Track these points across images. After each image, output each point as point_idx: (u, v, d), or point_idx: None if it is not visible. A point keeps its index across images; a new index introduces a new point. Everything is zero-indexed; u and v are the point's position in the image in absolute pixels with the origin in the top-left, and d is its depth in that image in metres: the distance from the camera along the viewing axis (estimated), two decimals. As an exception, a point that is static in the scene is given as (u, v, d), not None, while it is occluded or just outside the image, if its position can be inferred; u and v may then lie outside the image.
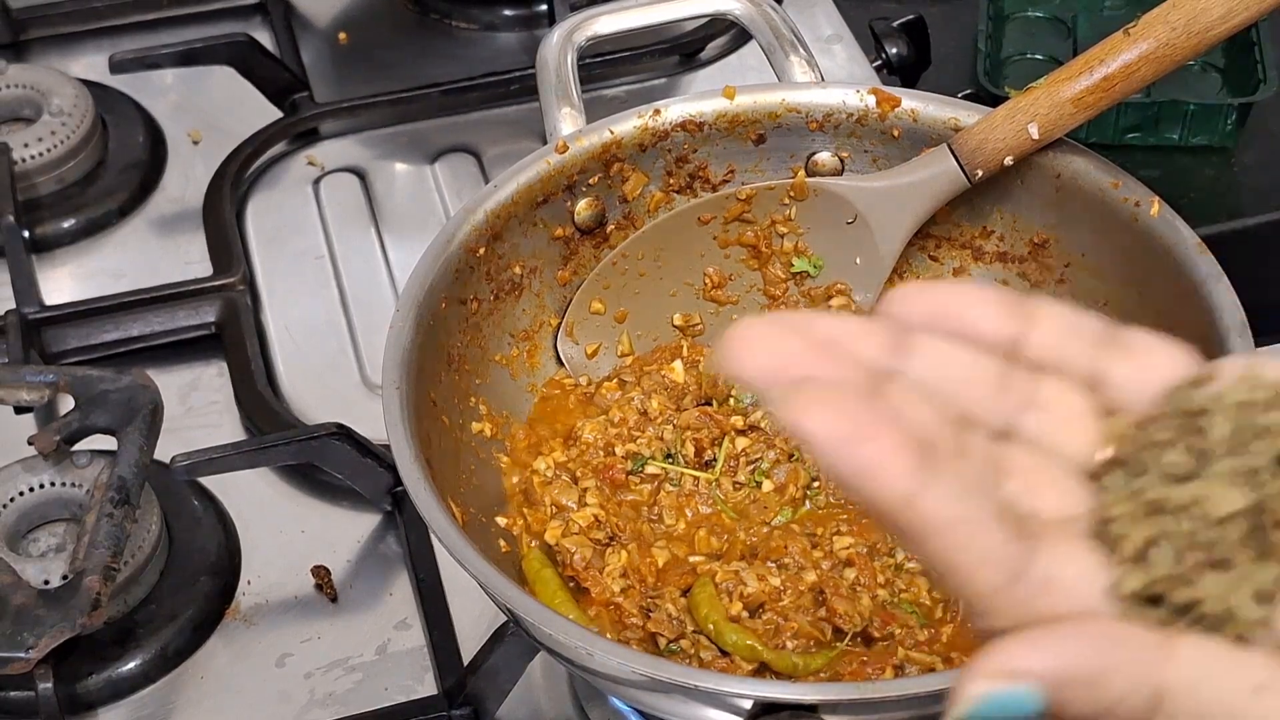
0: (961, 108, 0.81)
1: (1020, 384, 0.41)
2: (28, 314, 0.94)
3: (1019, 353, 0.41)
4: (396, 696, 0.77)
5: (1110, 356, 0.41)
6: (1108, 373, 0.41)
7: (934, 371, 0.40)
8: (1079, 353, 0.41)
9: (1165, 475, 0.39)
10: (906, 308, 0.41)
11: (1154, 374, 0.41)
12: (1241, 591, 0.37)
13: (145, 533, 0.80)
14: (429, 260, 0.76)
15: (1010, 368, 0.41)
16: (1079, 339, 0.41)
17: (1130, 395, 0.41)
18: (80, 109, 1.04)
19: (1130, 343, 0.42)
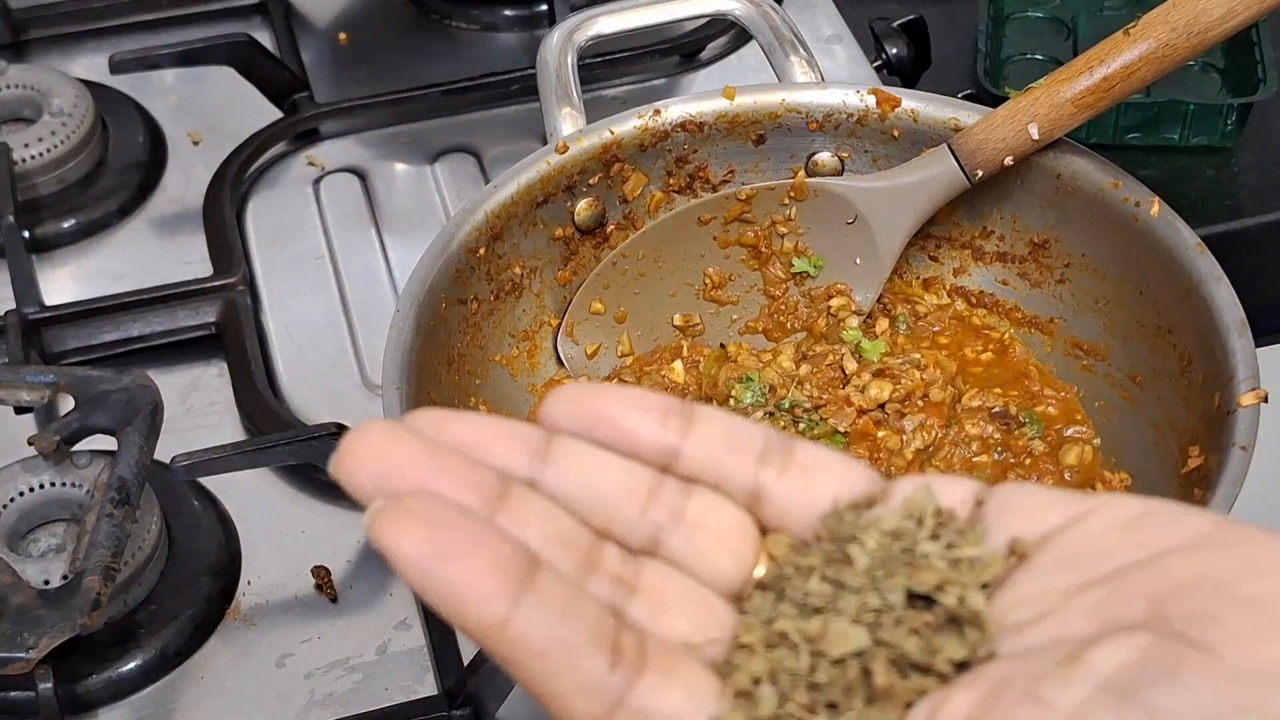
0: (962, 108, 0.81)
1: (670, 497, 0.39)
2: (28, 314, 0.94)
3: (674, 464, 0.39)
4: (397, 697, 0.77)
5: (774, 471, 0.39)
6: (769, 489, 0.39)
7: (575, 481, 0.38)
8: (740, 465, 0.39)
9: (802, 605, 0.37)
10: (558, 411, 0.39)
11: (819, 492, 0.39)
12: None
13: (145, 533, 0.80)
14: (429, 260, 0.76)
15: (662, 480, 0.39)
16: (741, 450, 0.39)
17: (791, 514, 0.39)
18: (80, 109, 1.04)
19: (799, 457, 0.39)
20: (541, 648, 0.35)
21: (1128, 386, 0.78)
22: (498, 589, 0.35)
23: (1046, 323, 0.82)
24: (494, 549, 0.35)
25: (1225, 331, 0.71)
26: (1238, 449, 0.66)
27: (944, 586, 0.36)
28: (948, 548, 0.37)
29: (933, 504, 0.38)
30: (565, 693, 0.36)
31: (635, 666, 0.36)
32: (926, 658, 0.36)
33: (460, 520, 0.35)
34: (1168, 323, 0.75)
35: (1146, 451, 0.75)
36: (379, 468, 0.36)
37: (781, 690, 0.36)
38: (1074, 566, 0.36)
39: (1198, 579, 0.34)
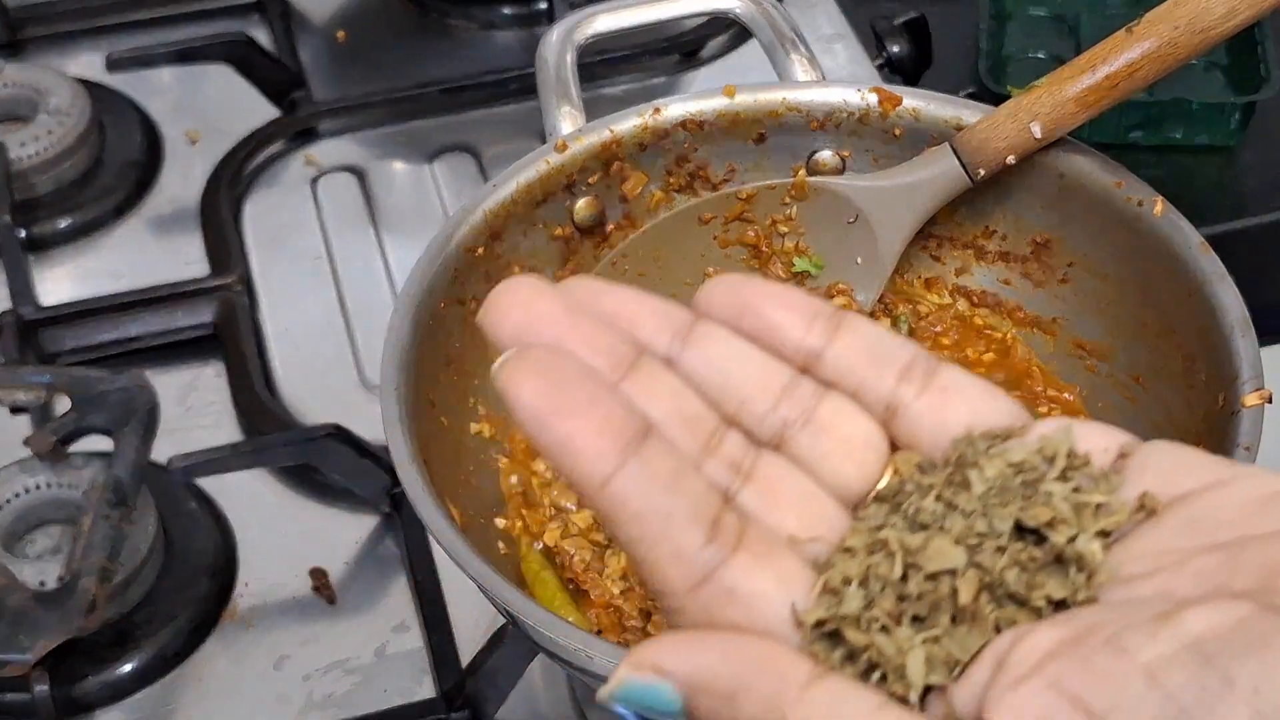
0: (964, 106, 0.80)
1: (804, 397, 0.39)
2: (24, 314, 0.93)
3: (815, 367, 0.40)
4: (395, 699, 0.77)
5: (914, 389, 0.39)
6: (906, 405, 0.39)
7: (712, 365, 0.39)
8: (880, 378, 0.39)
9: (911, 520, 0.37)
10: (711, 297, 0.40)
11: (955, 416, 0.39)
12: (916, 654, 0.35)
13: (142, 534, 0.79)
14: (427, 260, 0.75)
15: (799, 380, 0.39)
16: (884, 363, 0.39)
17: (924, 434, 0.39)
18: (77, 108, 1.04)
19: (942, 379, 0.39)
20: (639, 512, 0.36)
21: (1130, 387, 0.77)
22: (606, 449, 0.35)
23: (1049, 323, 0.81)
24: (608, 410, 0.36)
25: (1229, 331, 0.71)
26: (1241, 450, 0.66)
27: (1055, 524, 0.36)
28: (1074, 490, 0.37)
29: (1068, 446, 0.38)
30: (657, 559, 0.36)
31: (731, 546, 0.36)
32: (1024, 591, 0.36)
33: (580, 378, 0.36)
34: (1171, 323, 0.75)
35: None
36: (520, 319, 0.37)
37: (870, 594, 0.36)
38: (1198, 531, 0.36)
39: None
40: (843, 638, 0.36)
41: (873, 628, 0.36)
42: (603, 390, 0.36)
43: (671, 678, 0.35)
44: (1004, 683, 0.34)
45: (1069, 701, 0.33)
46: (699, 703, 0.35)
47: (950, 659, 0.35)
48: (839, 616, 0.36)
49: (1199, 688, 0.32)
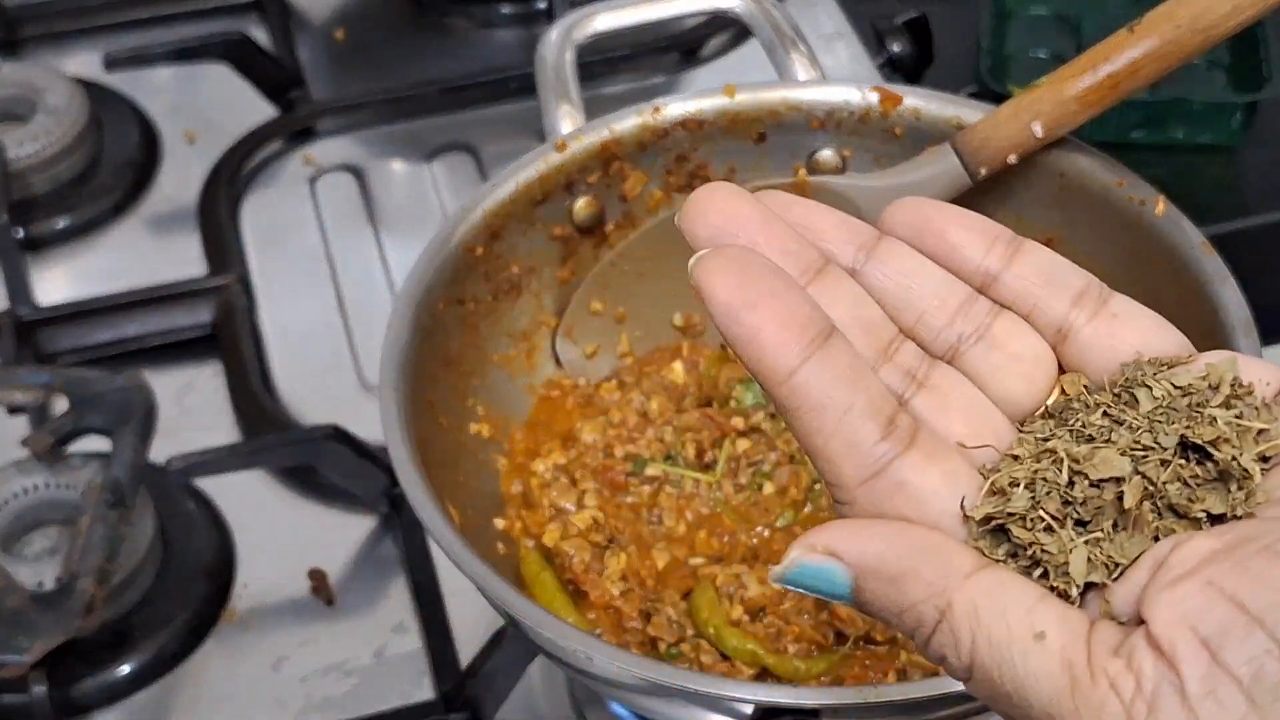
0: (965, 106, 0.80)
1: (979, 314, 0.41)
2: (21, 314, 0.93)
3: (991, 287, 0.42)
4: (393, 700, 0.77)
5: (1086, 313, 0.41)
6: (1077, 329, 0.41)
7: (893, 278, 0.41)
8: (1054, 301, 0.41)
9: (1078, 433, 0.39)
10: (896, 217, 0.42)
11: (1125, 341, 0.41)
12: (1080, 552, 0.37)
13: (140, 535, 0.79)
14: (426, 260, 0.75)
15: (976, 298, 0.41)
16: (1059, 288, 0.41)
17: (1094, 357, 0.41)
18: (75, 107, 1.03)
19: (1113, 306, 0.41)
20: (820, 403, 0.38)
21: (1132, 387, 0.77)
22: (792, 342, 0.37)
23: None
24: (795, 306, 0.38)
25: (1231, 331, 0.70)
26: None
27: (1218, 443, 0.38)
28: (1237, 416, 0.38)
29: (1233, 374, 0.39)
30: (834, 450, 0.38)
31: (904, 444, 0.38)
32: (1185, 503, 0.37)
33: (771, 276, 0.38)
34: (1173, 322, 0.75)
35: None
36: (718, 222, 0.39)
37: (1036, 496, 0.38)
38: None
39: None
40: (1008, 535, 0.38)
41: (1037, 527, 0.38)
42: (793, 289, 0.38)
43: (843, 560, 0.38)
44: (1162, 582, 0.35)
45: (1226, 600, 0.34)
46: (866, 584, 0.38)
47: (1110, 561, 0.37)
48: (1005, 514, 0.38)
49: None
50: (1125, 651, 0.35)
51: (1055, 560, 0.37)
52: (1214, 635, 0.34)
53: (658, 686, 0.60)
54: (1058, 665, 0.35)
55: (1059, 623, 0.36)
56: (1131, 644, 0.35)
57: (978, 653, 0.36)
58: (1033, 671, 0.36)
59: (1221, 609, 0.34)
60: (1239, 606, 0.34)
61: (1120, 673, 0.35)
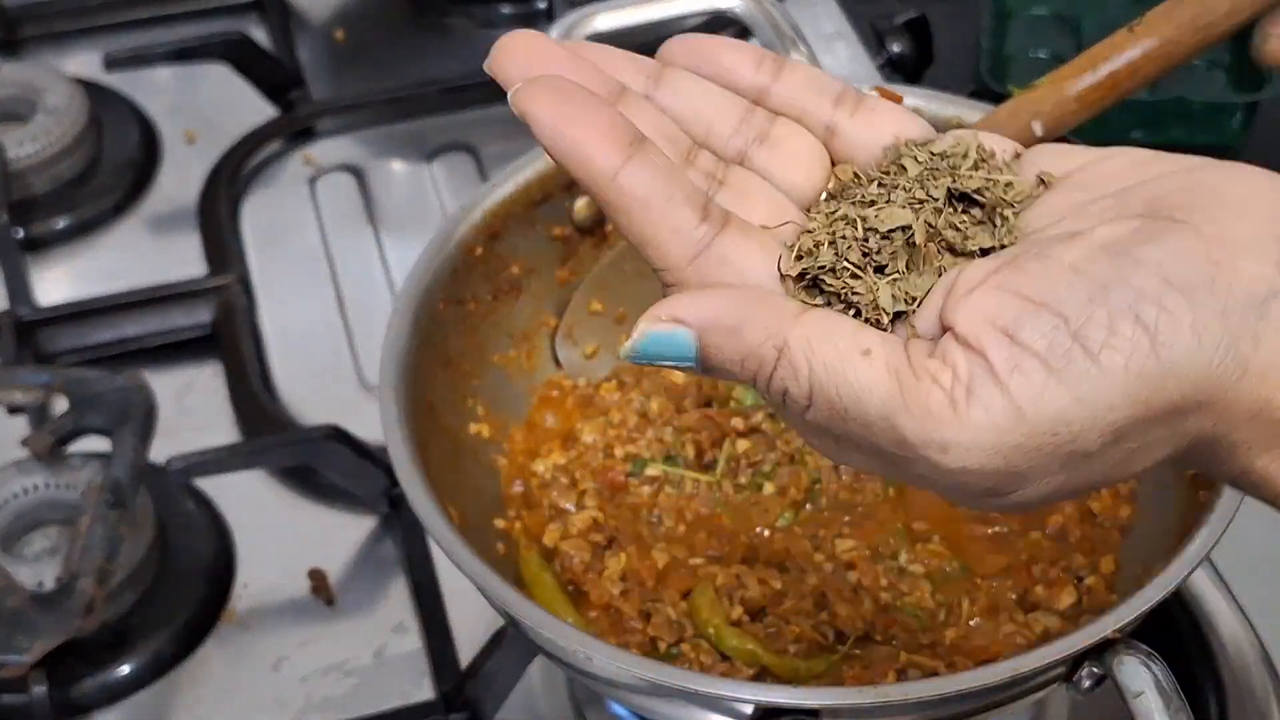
0: (965, 106, 0.80)
1: (758, 122, 0.47)
2: (21, 315, 0.93)
3: (765, 99, 0.48)
4: (393, 701, 0.77)
5: (847, 112, 0.47)
6: (842, 125, 0.47)
7: (681, 99, 0.47)
8: (819, 104, 0.47)
9: (859, 201, 0.45)
10: (672, 49, 0.48)
11: (884, 130, 0.47)
12: (885, 289, 0.43)
13: (140, 535, 0.79)
14: (426, 260, 0.75)
15: (753, 109, 0.47)
16: (821, 94, 0.47)
17: (858, 148, 0.47)
18: (74, 108, 1.03)
19: (868, 103, 0.48)
20: (645, 196, 0.43)
21: (1132, 387, 0.77)
22: (613, 147, 0.42)
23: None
24: (612, 118, 0.43)
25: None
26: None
27: (981, 191, 0.45)
28: (987, 172, 0.45)
29: (976, 142, 0.46)
30: (661, 237, 0.44)
31: (720, 225, 0.44)
32: (960, 242, 0.44)
33: (586, 96, 0.43)
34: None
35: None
36: (526, 60, 0.44)
37: (839, 251, 0.44)
38: (1089, 189, 0.44)
39: (1191, 183, 0.42)
40: (820, 287, 0.44)
41: (845, 275, 0.44)
42: (605, 106, 0.43)
43: (686, 323, 0.43)
44: (957, 296, 0.42)
45: (1013, 295, 0.41)
46: (710, 340, 0.43)
47: (908, 295, 0.44)
48: (817, 267, 0.44)
49: (1114, 269, 0.40)
50: (939, 353, 0.41)
51: (865, 299, 0.44)
52: (1010, 323, 0.40)
53: (658, 686, 0.60)
54: (885, 373, 0.41)
55: (880, 342, 0.42)
56: (944, 347, 0.41)
57: (815, 377, 0.42)
58: (865, 382, 0.41)
59: (1012, 302, 0.41)
60: (1024, 298, 0.41)
61: (938, 369, 0.41)
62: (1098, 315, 0.40)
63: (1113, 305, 0.40)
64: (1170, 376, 0.40)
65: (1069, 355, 0.40)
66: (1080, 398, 0.40)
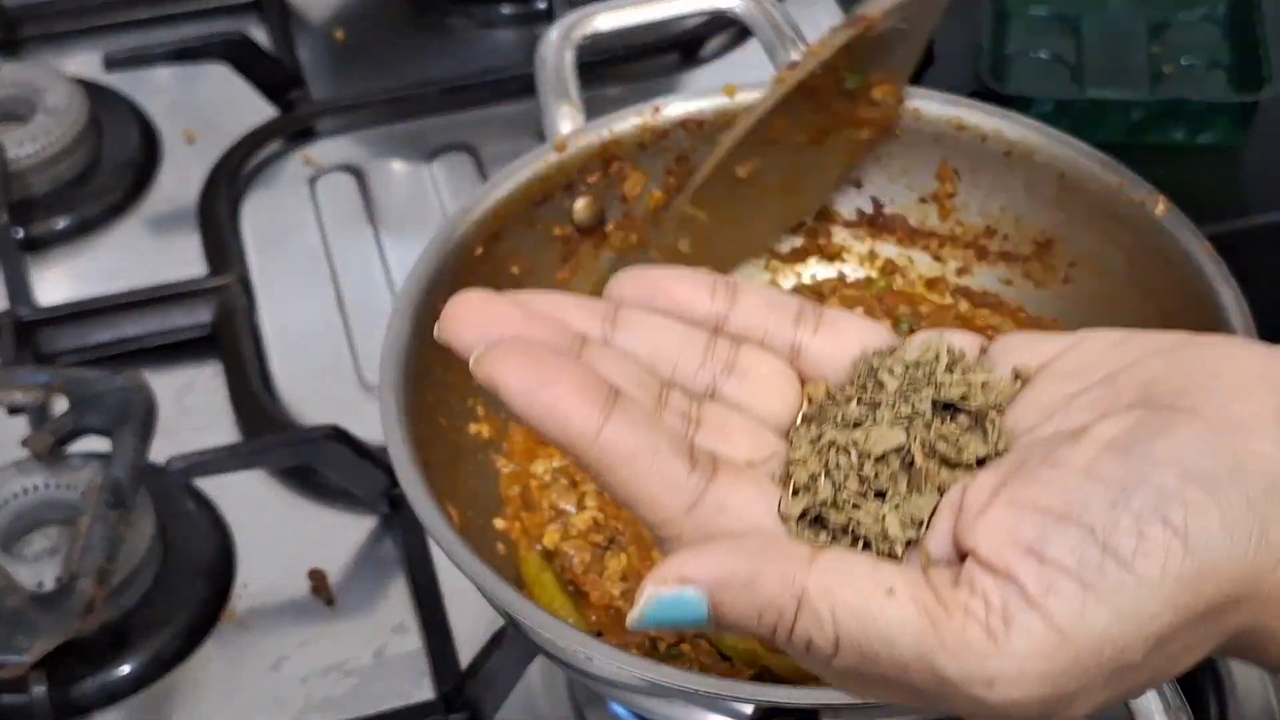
0: (964, 106, 0.80)
1: (722, 352, 0.46)
2: (21, 315, 0.93)
3: (724, 327, 0.46)
4: (393, 701, 0.77)
5: (809, 329, 0.46)
6: (806, 343, 0.46)
7: (641, 340, 0.45)
8: (780, 325, 0.46)
9: (842, 424, 0.44)
10: (622, 288, 0.46)
11: (848, 344, 0.46)
12: (892, 516, 0.42)
13: (140, 535, 0.79)
14: (426, 260, 0.75)
15: (715, 339, 0.46)
16: (780, 313, 0.47)
17: (826, 364, 0.46)
18: (74, 108, 1.03)
19: (828, 317, 0.47)
20: (631, 452, 0.41)
21: (1133, 387, 0.77)
22: (591, 406, 0.41)
23: (1050, 323, 0.81)
24: (583, 376, 0.41)
25: (1231, 331, 0.70)
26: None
27: (967, 396, 0.43)
28: (963, 374, 0.44)
29: (945, 345, 0.45)
30: (653, 492, 0.42)
31: (710, 470, 0.42)
32: (955, 454, 0.42)
33: (552, 354, 0.42)
34: (1173, 323, 0.74)
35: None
36: (478, 323, 0.43)
37: (836, 482, 0.43)
38: (1070, 380, 0.43)
39: (1179, 365, 0.41)
40: (825, 522, 0.42)
41: (847, 507, 0.42)
42: (574, 362, 0.42)
43: (695, 581, 0.40)
44: (970, 516, 0.40)
45: (1030, 509, 0.39)
46: (723, 598, 0.40)
47: (914, 519, 0.42)
48: (818, 503, 0.42)
49: (1129, 469, 0.39)
50: (965, 581, 0.39)
51: (873, 530, 0.42)
52: (1034, 541, 0.38)
53: (658, 686, 0.60)
54: (914, 611, 0.39)
55: (901, 577, 0.40)
56: (969, 574, 0.39)
57: (840, 623, 0.39)
58: (895, 623, 0.39)
59: (1031, 517, 0.39)
60: (1043, 511, 0.39)
61: (969, 599, 0.39)
62: (1124, 522, 0.38)
63: (1137, 509, 0.38)
64: (1208, 577, 0.38)
65: (1102, 568, 0.38)
66: (1121, 611, 0.38)
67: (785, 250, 0.85)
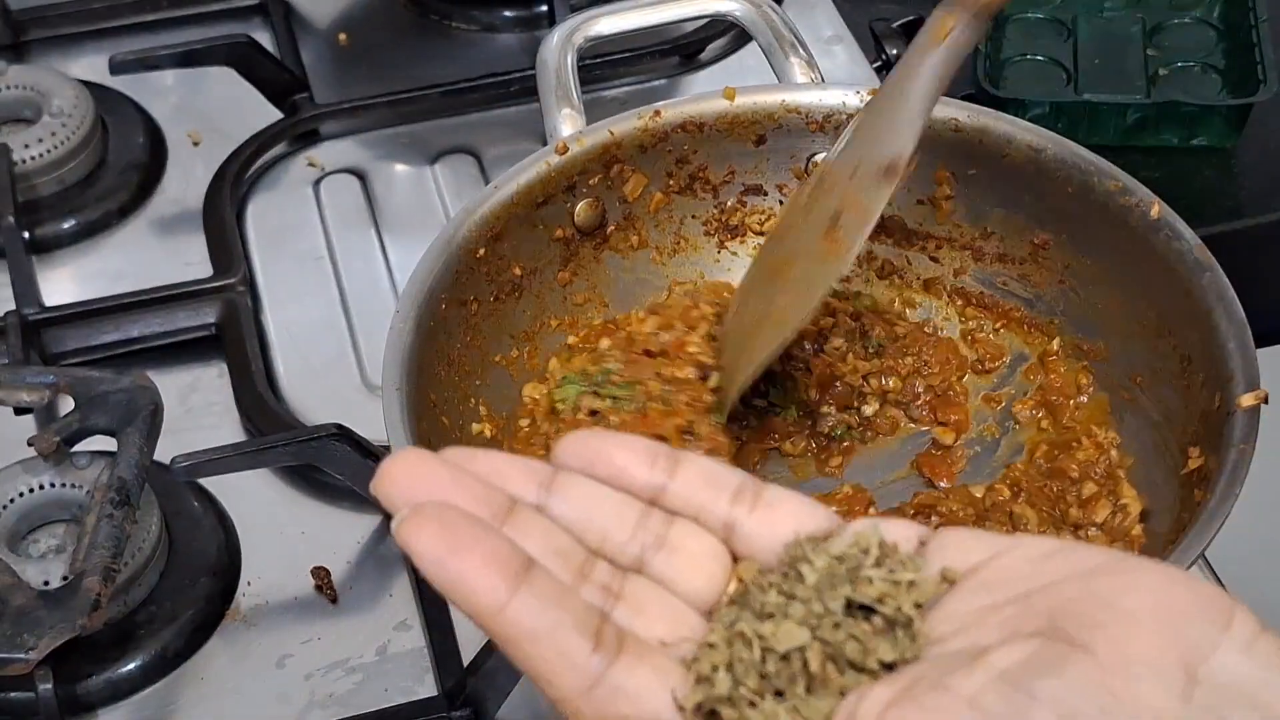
0: (961, 108, 0.81)
1: (655, 525, 0.45)
2: (28, 315, 0.94)
3: (661, 499, 0.46)
4: (396, 698, 0.77)
5: (745, 508, 0.46)
6: (741, 522, 0.46)
7: (574, 507, 0.45)
8: (716, 502, 0.46)
9: (758, 613, 0.43)
10: (567, 451, 0.46)
11: (782, 526, 0.45)
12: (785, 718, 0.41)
13: (145, 534, 0.79)
14: (429, 261, 0.76)
15: (649, 511, 0.46)
16: (717, 489, 0.46)
17: (759, 544, 0.45)
18: (80, 110, 1.04)
19: (766, 497, 0.46)
20: (534, 630, 0.41)
21: (1128, 387, 0.78)
22: (498, 579, 0.41)
23: (1046, 324, 0.82)
24: (495, 547, 0.41)
25: (1225, 332, 0.71)
26: (1237, 450, 0.66)
27: (883, 599, 0.43)
28: (889, 572, 0.44)
29: (878, 538, 0.44)
30: (553, 670, 0.42)
31: (614, 652, 0.42)
32: (860, 657, 0.42)
33: (468, 524, 0.42)
34: (1168, 324, 0.75)
35: (1146, 452, 0.75)
36: (409, 485, 0.43)
37: (736, 676, 0.42)
38: (991, 591, 0.43)
39: (1087, 596, 0.41)
40: (719, 717, 0.42)
41: (742, 705, 0.42)
42: (489, 532, 0.42)
43: None
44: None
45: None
46: None
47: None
48: (714, 697, 0.42)
49: (1011, 706, 0.39)
50: None
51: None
52: None
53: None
54: None
55: None
56: None
57: None
58: None
59: None
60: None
61: None
62: None
63: None
64: None
65: None
66: None
67: (784, 252, 0.86)
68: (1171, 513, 0.71)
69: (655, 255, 0.85)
